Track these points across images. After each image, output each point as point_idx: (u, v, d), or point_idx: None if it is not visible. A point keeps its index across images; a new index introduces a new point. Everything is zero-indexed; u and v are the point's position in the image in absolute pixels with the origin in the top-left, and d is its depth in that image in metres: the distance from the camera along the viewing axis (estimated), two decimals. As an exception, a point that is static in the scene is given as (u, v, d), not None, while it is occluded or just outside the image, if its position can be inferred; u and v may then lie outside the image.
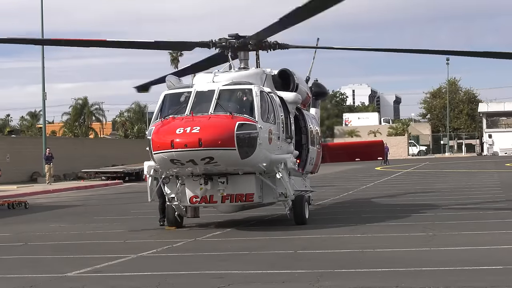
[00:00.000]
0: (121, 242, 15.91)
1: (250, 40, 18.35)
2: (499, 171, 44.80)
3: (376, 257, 12.54)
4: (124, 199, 30.20)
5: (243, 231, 16.98)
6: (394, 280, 10.18)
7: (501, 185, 30.09)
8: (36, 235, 17.67)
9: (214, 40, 18.30)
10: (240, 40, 18.31)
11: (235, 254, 13.42)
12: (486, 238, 14.42)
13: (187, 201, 16.94)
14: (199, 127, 15.35)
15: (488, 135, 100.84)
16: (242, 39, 18.32)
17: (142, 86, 22.49)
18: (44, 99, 47.23)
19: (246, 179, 16.61)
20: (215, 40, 18.30)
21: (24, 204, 26.59)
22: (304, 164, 19.63)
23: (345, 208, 22.55)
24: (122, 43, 19.12)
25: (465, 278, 10.22)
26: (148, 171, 17.08)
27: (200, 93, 16.58)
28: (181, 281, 10.98)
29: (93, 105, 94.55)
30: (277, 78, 18.99)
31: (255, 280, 10.70)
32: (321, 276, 10.70)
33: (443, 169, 49.97)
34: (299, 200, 17.55)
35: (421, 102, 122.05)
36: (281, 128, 17.43)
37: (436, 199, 23.93)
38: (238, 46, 18.42)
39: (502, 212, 19.21)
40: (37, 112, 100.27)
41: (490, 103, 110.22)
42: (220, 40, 18.32)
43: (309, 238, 15.31)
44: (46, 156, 43.09)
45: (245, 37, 18.33)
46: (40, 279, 11.42)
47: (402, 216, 18.83)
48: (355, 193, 28.84)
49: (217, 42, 18.32)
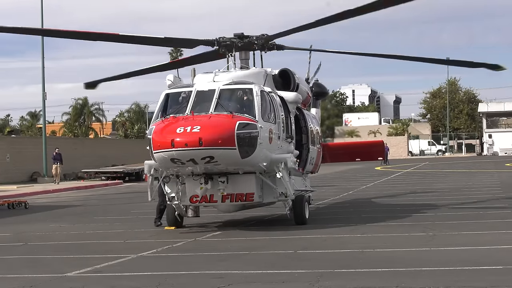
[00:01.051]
0: (121, 242, 15.91)
1: (257, 41, 18.37)
2: (499, 171, 44.81)
3: (376, 257, 12.54)
4: (124, 199, 30.20)
5: (243, 231, 16.97)
6: (394, 280, 10.18)
7: (501, 185, 30.09)
8: (36, 235, 17.66)
9: (219, 38, 18.30)
10: (245, 40, 18.33)
11: (235, 254, 13.42)
12: (486, 238, 14.42)
13: (187, 201, 16.94)
14: (200, 126, 15.35)
15: (488, 135, 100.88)
16: (247, 39, 18.33)
17: (91, 83, 22.27)
18: (44, 99, 47.25)
19: (246, 178, 16.61)
20: (220, 39, 18.30)
21: (24, 204, 26.59)
22: (305, 164, 19.63)
23: (345, 208, 22.55)
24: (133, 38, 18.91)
25: (465, 278, 10.21)
26: (148, 170, 17.08)
27: (201, 92, 16.58)
28: (181, 281, 10.97)
29: (93, 105, 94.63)
30: (277, 77, 18.99)
31: (255, 280, 10.70)
32: (321, 276, 10.69)
33: (443, 169, 49.97)
34: (299, 200, 17.55)
35: (421, 102, 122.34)
36: (282, 128, 17.43)
37: (436, 199, 23.92)
38: (243, 45, 18.44)
39: (502, 212, 19.21)
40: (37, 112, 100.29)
41: (490, 103, 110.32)
42: (224, 39, 18.32)
43: (309, 238, 15.31)
44: (54, 156, 43.18)
45: (250, 37, 18.33)
46: (40, 279, 11.42)
47: (402, 216, 18.83)
48: (355, 193, 28.84)
49: (222, 41, 18.32)
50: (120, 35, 18.21)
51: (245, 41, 18.36)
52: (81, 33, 18.93)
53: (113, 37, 18.81)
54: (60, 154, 43.28)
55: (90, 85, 22.25)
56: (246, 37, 18.37)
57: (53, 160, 43.19)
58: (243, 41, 18.36)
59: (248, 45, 18.48)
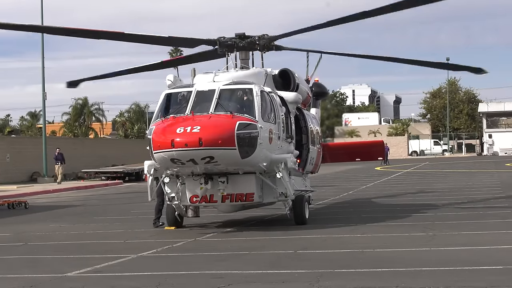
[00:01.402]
0: (121, 242, 15.91)
1: (259, 41, 18.36)
2: (499, 171, 44.81)
3: (376, 257, 12.54)
4: (124, 199, 30.20)
5: (243, 231, 16.97)
6: (394, 280, 10.18)
7: (501, 185, 30.10)
8: (36, 235, 17.66)
9: (220, 38, 18.28)
10: (247, 40, 18.32)
11: (235, 254, 13.42)
12: (486, 238, 14.42)
13: (187, 201, 16.94)
14: (200, 126, 15.34)
15: (488, 135, 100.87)
16: (249, 39, 18.33)
17: (73, 82, 22.17)
18: (44, 99, 47.23)
19: (246, 178, 16.61)
20: (221, 39, 18.29)
21: (24, 204, 26.59)
22: (305, 164, 19.63)
23: (345, 208, 22.55)
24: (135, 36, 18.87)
25: (465, 278, 10.21)
26: (148, 170, 17.08)
27: (201, 92, 16.57)
28: (181, 281, 10.97)
29: (93, 105, 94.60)
30: (277, 78, 18.99)
31: (255, 280, 10.70)
32: (321, 276, 10.69)
33: (443, 169, 49.97)
34: (299, 200, 17.56)
35: (421, 102, 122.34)
36: (282, 128, 17.42)
37: (436, 199, 23.92)
38: (244, 45, 18.44)
39: (502, 212, 19.21)
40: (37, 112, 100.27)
41: (490, 103, 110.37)
42: (225, 39, 18.31)
43: (309, 238, 15.31)
44: (56, 156, 43.41)
45: (251, 37, 18.33)
46: (40, 279, 11.42)
47: (402, 216, 18.83)
48: (355, 193, 28.84)
49: (223, 41, 18.31)
50: (123, 33, 18.13)
51: (246, 41, 18.36)
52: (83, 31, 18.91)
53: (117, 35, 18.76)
54: (61, 154, 43.63)
55: (71, 84, 22.11)
56: (247, 37, 18.37)
57: (55, 160, 43.34)
58: (244, 41, 18.36)
59: (250, 45, 18.48)
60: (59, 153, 43.56)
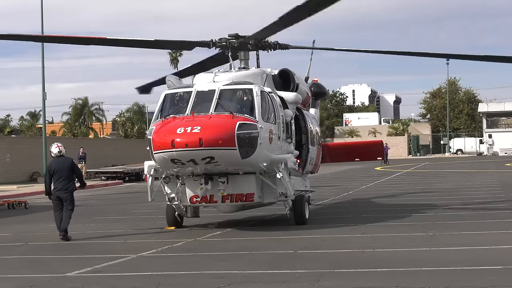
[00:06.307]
0: (121, 242, 15.91)
1: (250, 40, 18.36)
2: (499, 171, 44.82)
3: (376, 257, 12.54)
4: (124, 199, 30.20)
5: (243, 231, 16.98)
6: (394, 280, 10.18)
7: (501, 185, 30.10)
8: (36, 235, 17.66)
9: (214, 40, 18.32)
10: (240, 40, 18.32)
11: (235, 254, 13.42)
12: (486, 238, 14.42)
13: (187, 201, 16.95)
14: (200, 126, 15.34)
15: (488, 135, 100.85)
16: (242, 39, 18.33)
17: (144, 88, 22.44)
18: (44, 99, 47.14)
19: (247, 179, 16.61)
20: (215, 40, 18.32)
21: (24, 204, 26.60)
22: (304, 164, 19.64)
23: (345, 208, 22.55)
24: (121, 41, 19.04)
25: (465, 278, 10.22)
26: (148, 170, 17.10)
27: (201, 93, 16.58)
28: (181, 281, 10.98)
29: (93, 105, 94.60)
30: (277, 78, 19.00)
31: (255, 280, 10.70)
32: (321, 276, 10.70)
33: (443, 169, 49.98)
34: (299, 200, 17.56)
35: (421, 102, 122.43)
36: (282, 128, 17.43)
37: (436, 199, 23.93)
38: (238, 46, 18.43)
39: (502, 212, 19.21)
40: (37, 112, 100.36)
41: (490, 103, 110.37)
42: (220, 40, 18.33)
43: (309, 238, 15.31)
44: (80, 155, 44.51)
45: (245, 37, 18.33)
46: (40, 279, 11.42)
47: (402, 216, 18.83)
48: (355, 193, 28.85)
49: (217, 42, 18.34)
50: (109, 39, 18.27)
51: (239, 41, 18.33)
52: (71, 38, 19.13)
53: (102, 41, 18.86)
54: (85, 153, 45.29)
55: (143, 90, 22.42)
56: (241, 37, 18.35)
57: (79, 160, 43.72)
58: (238, 41, 18.33)
59: (244, 44, 18.46)
60: (83, 152, 45.15)
